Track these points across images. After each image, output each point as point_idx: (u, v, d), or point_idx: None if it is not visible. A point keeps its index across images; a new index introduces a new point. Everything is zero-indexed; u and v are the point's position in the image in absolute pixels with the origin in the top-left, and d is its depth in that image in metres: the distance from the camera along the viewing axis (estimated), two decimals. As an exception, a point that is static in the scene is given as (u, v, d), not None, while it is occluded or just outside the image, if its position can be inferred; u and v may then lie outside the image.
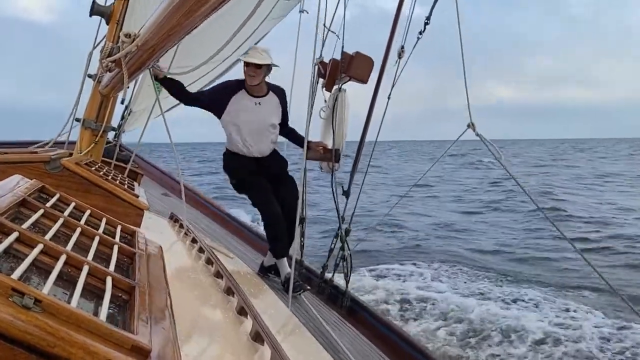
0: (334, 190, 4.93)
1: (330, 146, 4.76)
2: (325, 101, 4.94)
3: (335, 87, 4.87)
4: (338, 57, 4.87)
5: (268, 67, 4.33)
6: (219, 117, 4.45)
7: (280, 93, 4.56)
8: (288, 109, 4.68)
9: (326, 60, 4.94)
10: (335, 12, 4.93)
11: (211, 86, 4.58)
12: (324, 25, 4.85)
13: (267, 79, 4.44)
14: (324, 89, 4.95)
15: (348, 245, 5.00)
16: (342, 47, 4.77)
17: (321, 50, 4.93)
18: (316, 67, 4.86)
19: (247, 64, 4.24)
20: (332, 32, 4.90)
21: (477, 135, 3.60)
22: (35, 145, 4.86)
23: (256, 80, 4.30)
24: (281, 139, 4.69)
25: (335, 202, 5.00)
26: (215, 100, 4.43)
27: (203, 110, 4.49)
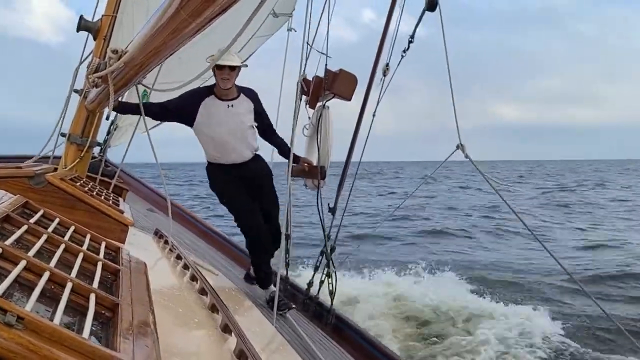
0: (320, 207, 4.92)
1: (315, 163, 4.76)
2: (309, 118, 4.95)
3: (319, 104, 4.88)
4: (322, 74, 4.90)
5: (238, 69, 4.24)
6: (191, 125, 4.33)
7: (251, 95, 4.44)
8: (267, 112, 4.57)
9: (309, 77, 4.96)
10: (317, 28, 4.96)
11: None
12: (307, 43, 4.87)
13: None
14: (307, 106, 4.96)
15: (333, 263, 4.99)
16: (326, 64, 4.78)
17: (304, 68, 4.94)
18: (299, 84, 4.87)
19: (220, 67, 4.13)
20: (315, 49, 4.93)
21: (466, 157, 3.61)
22: (27, 161, 4.82)
23: (230, 83, 4.21)
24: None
25: (320, 219, 4.99)
26: (183, 107, 4.30)
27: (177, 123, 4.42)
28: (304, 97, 4.95)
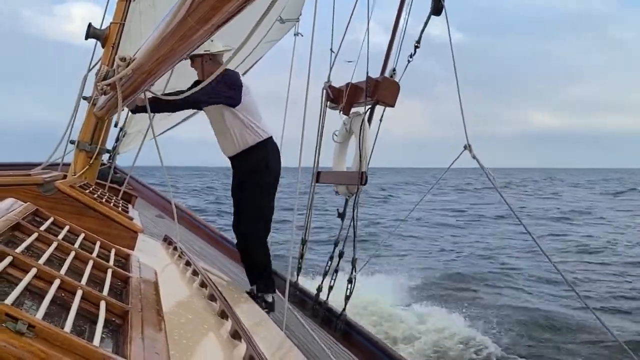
0: (355, 214, 4.82)
1: (344, 169, 4.77)
2: (345, 124, 4.95)
3: (355, 109, 4.88)
4: (332, 80, 4.93)
5: (211, 56, 4.08)
6: None
7: (228, 77, 4.09)
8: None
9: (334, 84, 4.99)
10: (344, 34, 5.00)
11: None
12: (331, 49, 4.90)
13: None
14: (341, 112, 4.95)
15: (355, 268, 4.91)
16: (367, 72, 4.69)
17: (329, 75, 4.97)
18: (324, 90, 4.90)
19: None
20: (331, 54, 4.95)
21: (473, 157, 3.61)
22: (36, 169, 4.83)
23: (200, 75, 4.16)
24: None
25: (354, 226, 4.84)
26: None
27: None
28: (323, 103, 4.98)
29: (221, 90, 4.05)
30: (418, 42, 4.45)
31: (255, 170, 4.26)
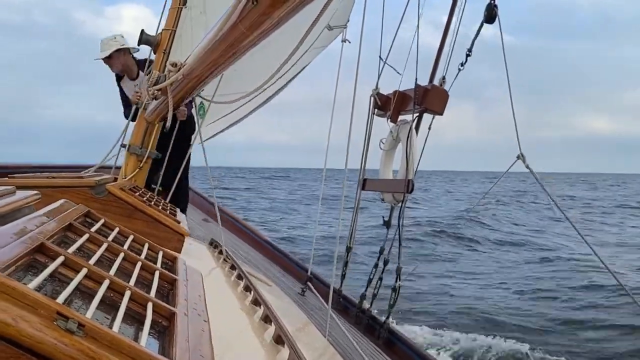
0: (400, 223, 4.78)
1: (391, 177, 4.75)
2: (392, 132, 4.92)
3: (404, 117, 4.85)
4: (380, 87, 4.91)
5: (124, 51, 4.89)
6: None
7: (143, 66, 4.93)
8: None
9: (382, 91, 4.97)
10: (393, 41, 4.97)
11: None
12: (380, 57, 4.88)
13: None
14: (389, 120, 4.93)
15: (399, 277, 4.86)
16: (416, 80, 4.68)
17: (377, 82, 4.96)
18: (372, 98, 4.89)
19: None
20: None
21: (527, 167, 3.53)
22: (88, 171, 4.97)
23: (114, 68, 4.96)
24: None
25: (399, 234, 4.80)
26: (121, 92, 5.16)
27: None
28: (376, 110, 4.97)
29: None
30: (470, 50, 4.38)
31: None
